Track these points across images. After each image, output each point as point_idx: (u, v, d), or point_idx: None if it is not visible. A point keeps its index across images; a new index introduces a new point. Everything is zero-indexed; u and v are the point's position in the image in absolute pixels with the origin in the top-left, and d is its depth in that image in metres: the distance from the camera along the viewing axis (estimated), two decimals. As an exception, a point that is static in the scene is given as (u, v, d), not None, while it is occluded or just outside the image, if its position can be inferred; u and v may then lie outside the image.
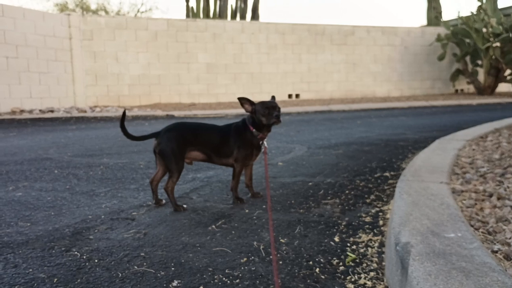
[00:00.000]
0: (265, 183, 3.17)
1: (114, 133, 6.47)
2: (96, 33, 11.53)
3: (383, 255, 1.86)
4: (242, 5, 16.71)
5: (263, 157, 2.60)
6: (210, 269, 1.75)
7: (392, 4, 61.65)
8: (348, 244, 1.99)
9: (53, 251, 1.97)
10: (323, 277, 1.67)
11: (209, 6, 16.04)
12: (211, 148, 2.64)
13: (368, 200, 2.71)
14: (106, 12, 26.97)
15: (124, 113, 2.66)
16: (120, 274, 1.72)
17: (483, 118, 7.28)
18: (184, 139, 2.57)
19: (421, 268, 1.36)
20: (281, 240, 2.06)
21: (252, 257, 1.86)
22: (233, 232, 2.18)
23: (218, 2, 16.15)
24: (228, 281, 1.64)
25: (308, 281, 1.64)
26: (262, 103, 2.61)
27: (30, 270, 1.77)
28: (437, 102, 12.48)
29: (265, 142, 2.65)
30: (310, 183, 3.17)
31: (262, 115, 2.58)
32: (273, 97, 2.78)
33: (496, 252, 1.59)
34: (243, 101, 2.61)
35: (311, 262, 1.80)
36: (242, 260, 1.83)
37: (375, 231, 2.16)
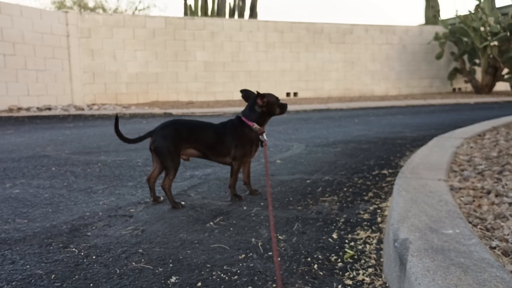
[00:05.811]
0: (263, 180, 3.17)
1: (112, 131, 6.39)
2: (94, 31, 11.48)
3: (381, 252, 1.86)
4: (240, 3, 16.69)
5: (262, 153, 2.60)
6: (208, 265, 1.75)
7: (390, 3, 61.68)
8: (346, 241, 1.99)
9: (51, 247, 1.96)
10: (321, 273, 1.67)
11: (207, 4, 16.01)
12: (207, 146, 2.63)
13: (366, 198, 2.71)
14: (104, 10, 26.91)
15: (117, 117, 2.63)
16: (118, 271, 1.71)
17: (481, 117, 7.29)
18: (180, 136, 2.55)
19: (420, 264, 1.36)
20: (279, 236, 2.06)
21: (250, 254, 1.86)
22: (231, 229, 2.18)
23: (216, 0, 16.12)
24: (226, 278, 1.64)
25: (307, 277, 1.64)
26: (270, 95, 2.70)
27: (28, 266, 1.76)
28: (435, 100, 12.49)
29: (264, 135, 2.66)
30: (308, 181, 3.17)
31: (278, 106, 2.72)
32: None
33: (494, 248, 1.60)
34: (261, 95, 2.65)
35: (309, 259, 1.80)
36: (240, 257, 1.83)
37: (373, 228, 2.16)
